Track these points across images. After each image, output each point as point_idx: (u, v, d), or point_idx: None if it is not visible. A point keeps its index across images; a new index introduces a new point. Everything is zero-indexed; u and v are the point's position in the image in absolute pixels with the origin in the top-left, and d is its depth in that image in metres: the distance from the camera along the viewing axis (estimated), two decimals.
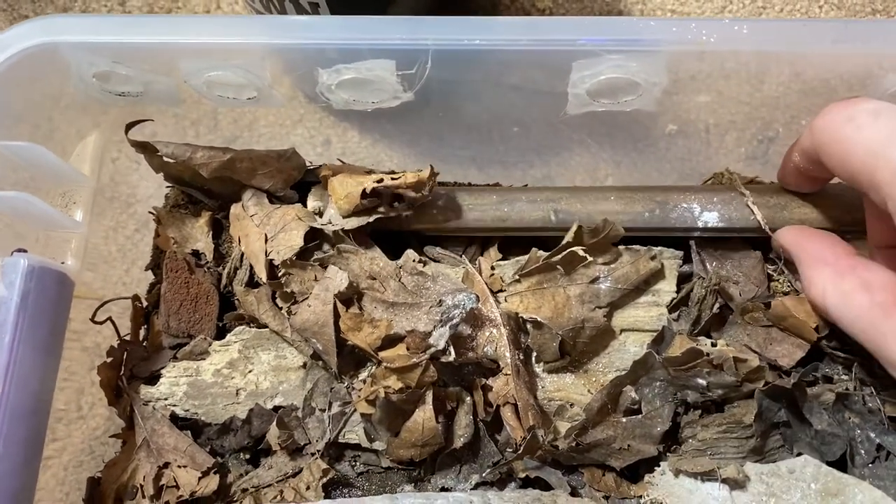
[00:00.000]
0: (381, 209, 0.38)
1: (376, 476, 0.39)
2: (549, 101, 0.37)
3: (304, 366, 0.40)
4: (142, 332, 0.43)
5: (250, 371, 0.40)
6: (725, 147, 0.46)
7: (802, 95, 0.37)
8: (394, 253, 0.42)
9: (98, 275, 0.46)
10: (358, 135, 0.51)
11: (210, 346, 0.40)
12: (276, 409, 0.39)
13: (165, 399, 0.40)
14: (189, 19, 0.36)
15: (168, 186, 0.44)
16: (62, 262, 0.39)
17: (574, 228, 0.38)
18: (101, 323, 0.40)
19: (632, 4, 0.57)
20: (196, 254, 0.42)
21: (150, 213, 0.43)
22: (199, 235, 0.42)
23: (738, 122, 0.44)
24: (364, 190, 0.37)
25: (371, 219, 0.38)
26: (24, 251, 0.36)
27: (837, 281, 0.33)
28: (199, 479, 0.38)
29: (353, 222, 0.39)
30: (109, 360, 0.39)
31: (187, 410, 0.40)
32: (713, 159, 0.45)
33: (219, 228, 0.43)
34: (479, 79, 0.37)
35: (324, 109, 0.47)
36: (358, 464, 0.40)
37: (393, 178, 0.37)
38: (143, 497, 0.38)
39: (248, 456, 0.40)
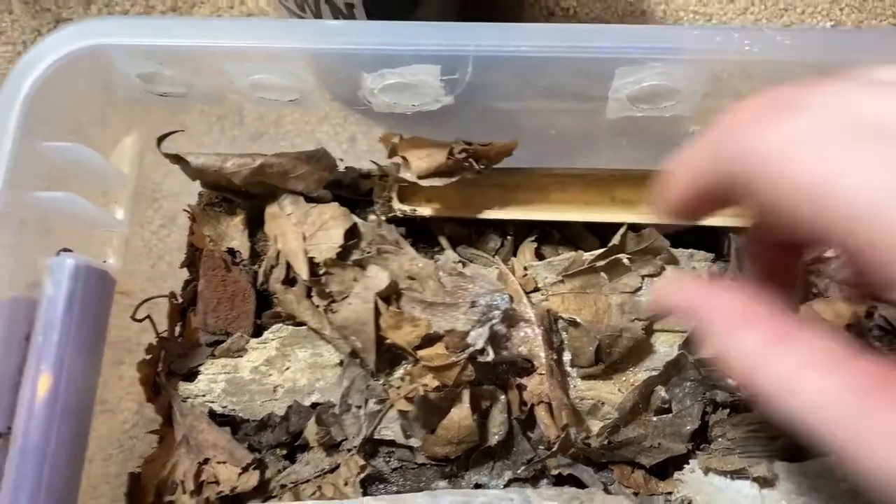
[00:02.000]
0: (461, 173, 0.39)
1: (410, 472, 0.40)
2: (588, 105, 0.37)
3: (341, 363, 0.40)
4: (177, 329, 0.44)
5: (287, 368, 0.40)
6: None
7: None
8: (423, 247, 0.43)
9: (125, 270, 0.46)
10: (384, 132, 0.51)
11: (247, 343, 0.41)
12: (313, 405, 0.40)
13: (204, 396, 0.40)
14: (237, 23, 0.36)
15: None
16: (104, 261, 0.39)
17: (622, 231, 0.39)
18: (140, 321, 0.40)
19: (655, 5, 0.57)
20: (231, 252, 0.43)
21: (184, 210, 0.44)
22: (234, 234, 0.43)
23: None
24: (452, 149, 0.38)
25: (453, 179, 0.39)
26: (70, 251, 0.36)
27: (780, 352, 0.20)
28: (240, 474, 0.38)
29: (437, 182, 0.39)
30: (148, 357, 0.40)
31: (225, 407, 0.40)
32: None
33: (254, 226, 0.44)
34: (519, 83, 0.37)
35: (349, 106, 0.47)
36: (392, 459, 0.40)
37: (482, 146, 0.38)
38: (184, 493, 0.38)
39: (284, 452, 0.41)
